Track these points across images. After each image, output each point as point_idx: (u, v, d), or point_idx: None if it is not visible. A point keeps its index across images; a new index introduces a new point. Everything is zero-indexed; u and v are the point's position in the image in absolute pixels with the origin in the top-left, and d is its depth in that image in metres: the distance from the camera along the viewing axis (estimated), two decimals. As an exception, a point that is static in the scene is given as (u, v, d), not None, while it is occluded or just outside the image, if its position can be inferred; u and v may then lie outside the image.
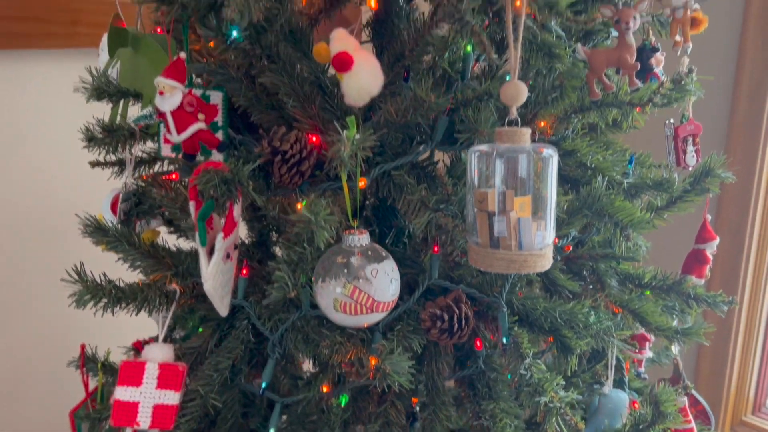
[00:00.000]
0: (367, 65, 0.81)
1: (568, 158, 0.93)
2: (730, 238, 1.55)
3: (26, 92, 1.55)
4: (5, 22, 1.48)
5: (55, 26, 1.56)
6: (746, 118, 1.46)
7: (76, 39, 1.58)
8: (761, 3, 1.40)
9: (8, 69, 1.52)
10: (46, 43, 1.54)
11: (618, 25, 0.79)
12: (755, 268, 1.58)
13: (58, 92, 1.57)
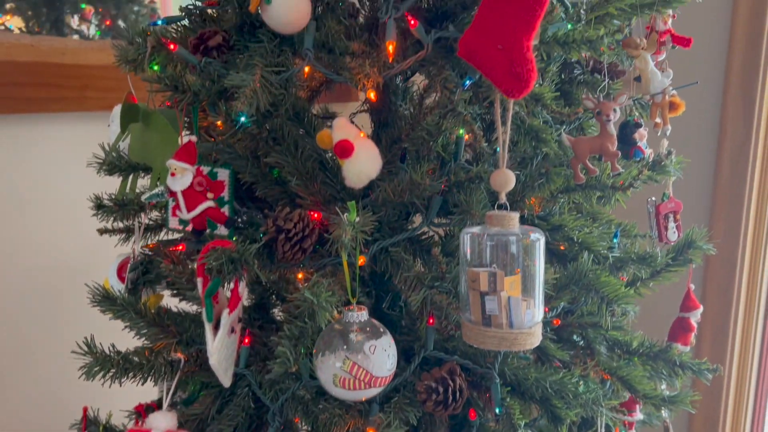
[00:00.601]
0: (367, 152, 0.87)
1: (555, 233, 0.98)
2: (719, 298, 1.60)
3: (38, 155, 1.61)
4: (19, 88, 1.54)
5: (66, 91, 1.62)
6: (729, 187, 1.53)
7: (86, 103, 1.65)
8: (739, 81, 1.48)
9: (21, 132, 1.58)
10: (57, 107, 1.60)
11: (599, 116, 0.85)
12: (743, 329, 1.62)
13: (70, 154, 1.62)
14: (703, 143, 1.58)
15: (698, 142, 1.58)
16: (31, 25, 2.08)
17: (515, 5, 0.73)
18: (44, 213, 1.60)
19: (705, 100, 1.56)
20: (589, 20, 0.96)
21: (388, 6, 0.86)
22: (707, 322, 1.48)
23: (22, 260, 1.57)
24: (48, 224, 1.61)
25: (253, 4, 0.86)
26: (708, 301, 1.55)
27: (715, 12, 1.52)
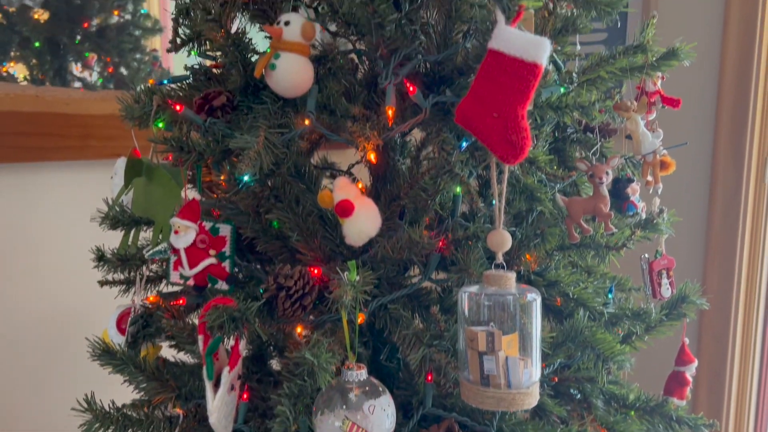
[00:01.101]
0: (367, 211, 0.89)
1: (551, 289, 1.00)
2: (714, 349, 1.61)
3: (41, 203, 1.63)
4: (23, 137, 1.57)
5: (68, 140, 1.65)
6: (721, 238, 1.56)
7: (88, 151, 1.68)
8: (729, 134, 1.52)
9: (24, 181, 1.60)
10: (60, 156, 1.63)
11: (592, 179, 0.88)
12: (739, 381, 1.62)
13: (72, 202, 1.64)
14: (694, 197, 1.62)
15: (690, 196, 1.61)
16: (35, 74, 2.13)
17: (510, 76, 0.77)
18: (46, 261, 1.61)
19: (695, 155, 1.60)
20: (581, 82, 0.99)
21: (388, 72, 0.89)
22: (703, 374, 1.49)
23: (21, 308, 1.57)
24: (49, 272, 1.62)
25: (258, 69, 0.89)
26: (703, 353, 1.56)
27: (704, 69, 1.57)
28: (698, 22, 1.57)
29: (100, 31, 2.23)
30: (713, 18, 1.55)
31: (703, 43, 1.57)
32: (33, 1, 1.97)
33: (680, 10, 1.56)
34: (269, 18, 1.08)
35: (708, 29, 1.56)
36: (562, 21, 0.97)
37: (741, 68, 1.51)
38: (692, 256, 1.61)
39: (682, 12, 1.56)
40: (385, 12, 0.84)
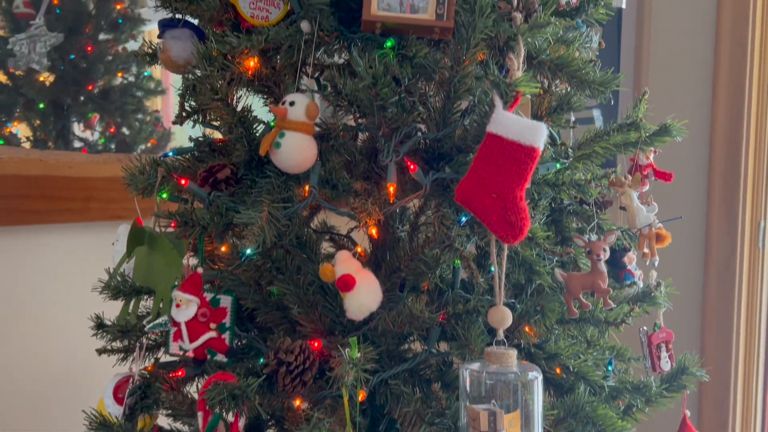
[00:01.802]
0: (368, 285, 0.90)
1: (551, 362, 1.00)
2: (714, 417, 1.59)
3: (42, 265, 1.63)
4: (26, 200, 1.59)
5: (70, 203, 1.67)
6: (717, 304, 1.57)
7: (89, 213, 1.69)
8: (722, 198, 1.55)
9: (26, 243, 1.61)
10: (62, 218, 1.64)
11: (590, 255, 0.90)
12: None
13: (73, 264, 1.65)
14: (689, 265, 1.64)
15: (685, 265, 1.63)
16: (38, 134, 2.16)
17: (508, 158, 0.79)
18: (46, 323, 1.61)
19: (689, 224, 1.62)
20: (577, 157, 1.02)
21: (389, 150, 0.91)
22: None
23: (19, 369, 1.56)
24: (49, 335, 1.61)
25: (263, 147, 0.91)
26: (704, 422, 1.55)
27: (695, 138, 1.61)
28: (688, 95, 1.62)
29: (104, 93, 2.28)
30: (702, 91, 1.60)
31: (693, 114, 1.61)
32: (40, 65, 2.02)
33: (670, 84, 1.61)
34: (274, 93, 1.12)
35: (698, 102, 1.61)
36: (557, 99, 1.00)
37: (731, 138, 1.55)
38: (689, 324, 1.62)
39: (673, 85, 1.61)
40: (387, 95, 0.87)
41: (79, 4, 2.18)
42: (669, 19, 1.65)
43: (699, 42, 1.61)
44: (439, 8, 0.90)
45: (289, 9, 0.98)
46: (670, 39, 1.65)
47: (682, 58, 1.63)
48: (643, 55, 1.64)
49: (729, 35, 1.55)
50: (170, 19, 1.05)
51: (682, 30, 1.64)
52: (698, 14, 1.62)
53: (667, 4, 1.65)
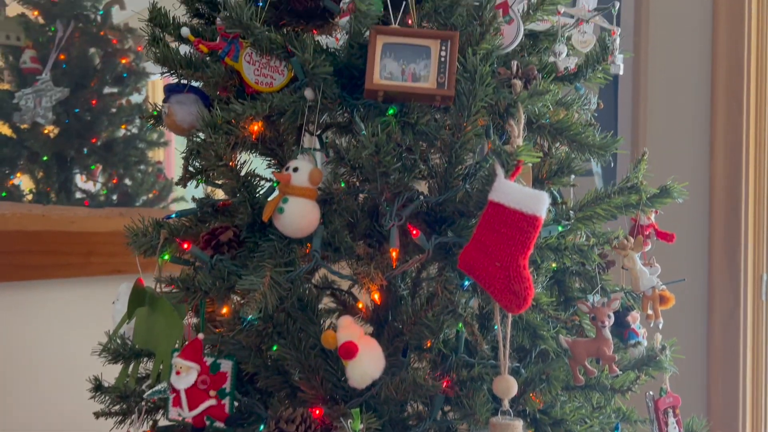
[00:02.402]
0: (370, 353, 0.89)
1: (557, 428, 0.98)
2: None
3: (43, 320, 1.62)
4: (27, 256, 1.59)
5: (71, 257, 1.67)
6: (722, 365, 1.55)
7: (90, 268, 1.69)
8: (723, 259, 1.55)
9: (26, 298, 1.60)
10: (63, 273, 1.64)
11: (594, 321, 0.89)
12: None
13: (73, 319, 1.64)
14: (692, 322, 1.63)
15: (688, 322, 1.62)
16: (40, 186, 2.17)
17: (510, 227, 0.79)
18: (46, 379, 1.58)
19: (691, 285, 1.62)
20: (578, 219, 1.02)
21: (391, 214, 0.92)
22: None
23: (18, 423, 1.53)
24: (48, 390, 1.58)
25: (266, 213, 0.92)
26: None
27: (695, 196, 1.62)
28: (686, 154, 1.64)
29: (107, 145, 2.30)
30: (700, 148, 1.62)
31: (692, 172, 1.63)
32: (45, 119, 2.05)
33: (669, 143, 1.63)
34: (277, 155, 1.13)
35: (696, 159, 1.62)
36: (557, 163, 1.01)
37: (730, 192, 1.56)
38: (695, 382, 1.60)
39: (671, 144, 1.63)
40: (389, 163, 0.88)
41: (85, 60, 2.22)
42: (665, 79, 1.68)
43: (695, 100, 1.63)
44: (440, 77, 0.92)
45: (293, 75, 1.00)
46: (667, 99, 1.67)
47: (679, 116, 1.65)
48: (640, 115, 1.67)
49: (724, 92, 1.57)
50: (176, 84, 1.07)
51: (678, 88, 1.66)
52: (693, 72, 1.65)
53: (662, 65, 1.69)
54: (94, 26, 2.28)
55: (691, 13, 1.67)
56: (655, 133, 1.66)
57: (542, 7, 1.00)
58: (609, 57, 1.00)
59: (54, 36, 2.17)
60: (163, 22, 1.04)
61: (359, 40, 0.93)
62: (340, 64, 0.97)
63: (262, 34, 0.95)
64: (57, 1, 2.22)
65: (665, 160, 1.64)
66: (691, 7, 1.67)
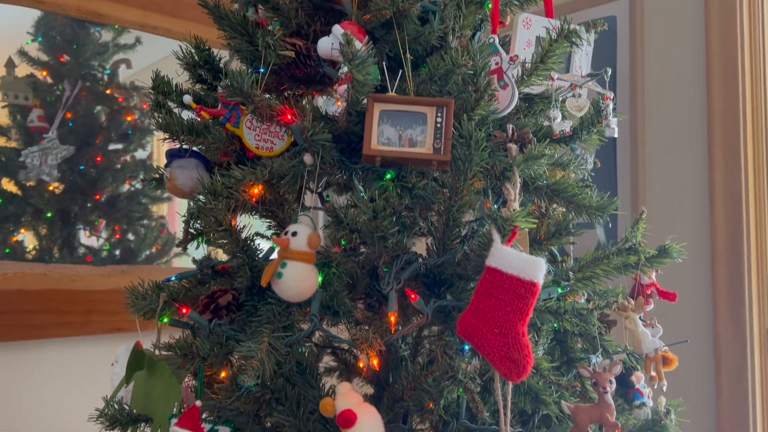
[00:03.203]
0: (369, 421, 0.88)
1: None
2: None
3: (42, 380, 1.61)
4: (28, 315, 1.58)
5: (71, 316, 1.66)
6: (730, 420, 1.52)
7: (90, 327, 1.68)
8: (728, 316, 1.54)
9: (25, 358, 1.59)
10: (63, 333, 1.63)
11: (596, 387, 0.88)
12: None
13: (72, 379, 1.62)
14: (700, 379, 1.60)
15: (696, 381, 1.60)
16: (43, 243, 2.18)
17: (508, 293, 0.79)
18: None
19: (696, 336, 1.61)
20: (578, 279, 1.02)
21: (390, 278, 0.92)
22: None
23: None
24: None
25: (264, 278, 0.92)
26: None
27: (696, 251, 1.62)
28: (685, 211, 1.64)
29: (111, 200, 2.33)
30: (700, 205, 1.62)
31: (692, 229, 1.63)
32: (50, 177, 2.08)
33: (669, 204, 1.64)
34: (277, 217, 1.14)
35: (696, 216, 1.63)
36: (555, 224, 1.02)
37: (732, 249, 1.56)
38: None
39: (670, 202, 1.64)
40: (387, 227, 0.88)
41: (91, 118, 2.27)
42: (663, 138, 1.69)
43: (693, 156, 1.65)
44: (437, 143, 0.93)
45: (293, 140, 1.02)
46: (665, 156, 1.68)
47: (678, 173, 1.66)
48: (639, 173, 1.68)
49: (722, 148, 1.59)
50: (177, 150, 1.09)
51: (676, 146, 1.68)
52: (691, 129, 1.66)
53: (659, 124, 1.71)
54: (101, 85, 2.33)
55: (686, 71, 1.70)
56: (655, 190, 1.67)
57: (536, 72, 1.02)
58: (603, 120, 1.02)
59: (62, 95, 2.22)
60: (166, 90, 1.06)
61: (357, 107, 0.95)
62: (339, 130, 0.98)
63: (262, 102, 0.97)
64: (65, 61, 2.28)
65: (665, 217, 1.65)
66: (687, 66, 1.70)
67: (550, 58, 1.01)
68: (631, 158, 1.69)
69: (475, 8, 1.06)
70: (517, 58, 1.02)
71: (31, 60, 2.23)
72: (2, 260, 1.68)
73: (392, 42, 1.01)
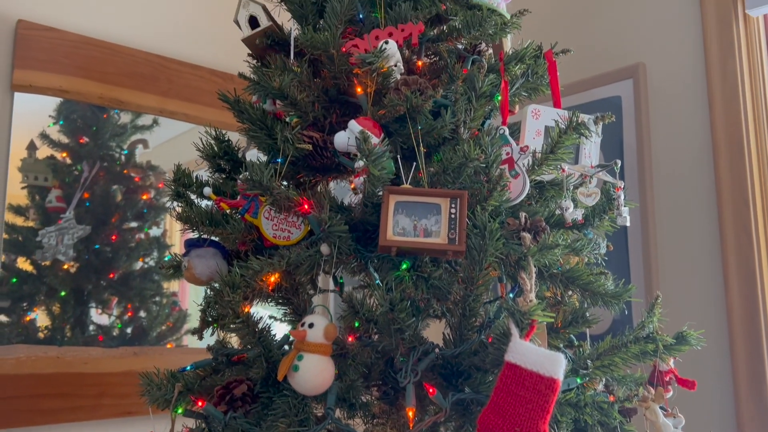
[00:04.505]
0: None
1: None
2: None
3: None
4: (38, 400, 1.57)
5: (83, 399, 1.64)
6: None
7: (101, 410, 1.66)
8: (750, 401, 1.51)
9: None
10: (72, 417, 1.61)
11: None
12: None
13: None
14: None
15: None
16: (56, 323, 2.18)
17: (529, 389, 0.78)
18: None
19: (718, 423, 1.57)
20: (596, 367, 1.01)
21: (407, 370, 0.91)
22: None
23: None
24: None
25: (281, 372, 0.91)
26: None
27: (714, 337, 1.60)
28: (700, 293, 1.63)
29: (124, 278, 2.34)
30: (714, 284, 1.62)
31: (708, 311, 1.62)
32: (66, 257, 2.10)
33: (682, 287, 1.63)
34: (292, 303, 1.14)
35: (711, 297, 1.62)
36: (572, 313, 1.02)
37: (750, 329, 1.54)
38: None
39: (685, 287, 1.63)
40: (404, 319, 0.88)
41: (108, 197, 2.31)
42: (673, 224, 1.70)
43: (705, 235, 1.65)
44: (451, 233, 0.95)
45: (309, 228, 1.04)
46: (676, 237, 1.69)
47: (691, 252, 1.66)
48: (651, 254, 1.68)
49: (732, 223, 1.60)
50: (196, 239, 1.11)
51: (687, 224, 1.69)
52: (700, 208, 1.67)
53: (669, 211, 1.72)
54: (118, 165, 2.39)
55: (693, 149, 1.73)
56: (668, 271, 1.67)
57: (547, 162, 1.04)
58: (615, 210, 1.04)
59: (80, 175, 2.27)
60: (186, 182, 1.09)
61: (373, 199, 0.97)
62: (355, 220, 1.00)
63: (281, 194, 0.99)
64: (85, 143, 2.35)
65: (680, 297, 1.64)
66: (693, 144, 1.73)
67: (559, 148, 1.04)
68: (642, 239, 1.70)
69: (486, 101, 1.10)
70: (527, 149, 1.05)
71: (52, 142, 2.30)
72: (15, 344, 1.68)
73: (406, 135, 1.04)
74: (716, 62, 1.73)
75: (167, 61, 2.08)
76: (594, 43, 1.98)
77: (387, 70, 1.04)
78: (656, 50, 1.84)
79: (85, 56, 1.93)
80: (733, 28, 1.72)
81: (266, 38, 1.20)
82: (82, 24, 1.93)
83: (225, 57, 2.16)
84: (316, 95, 1.14)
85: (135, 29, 2.04)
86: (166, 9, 2.11)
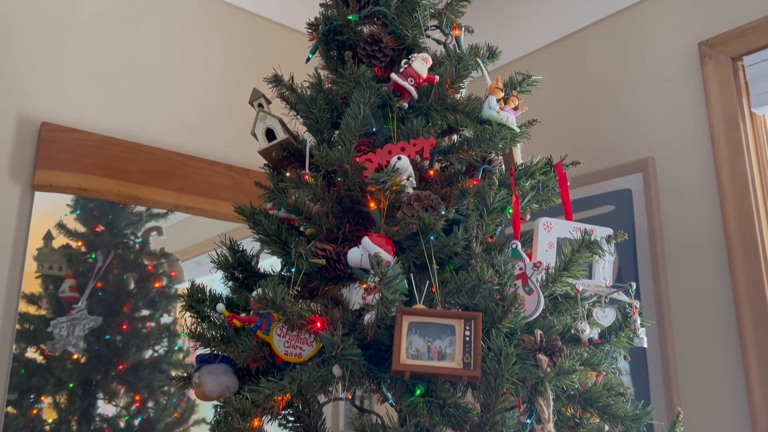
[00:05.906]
0: None
1: None
2: None
3: None
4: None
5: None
6: None
7: None
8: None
9: None
10: None
11: None
12: None
13: None
14: None
15: None
16: (63, 415, 2.15)
17: None
18: None
19: None
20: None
21: (422, 504, 0.88)
22: None
23: None
24: None
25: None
26: None
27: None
28: (723, 404, 1.59)
29: (133, 368, 2.32)
30: (738, 397, 1.57)
31: (732, 416, 1.57)
32: (76, 348, 2.09)
33: (703, 396, 1.59)
34: (303, 421, 1.12)
35: (736, 415, 1.58)
36: None
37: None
38: None
39: (706, 396, 1.59)
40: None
41: (120, 286, 2.32)
42: (689, 323, 1.67)
43: (724, 339, 1.61)
44: (466, 357, 0.93)
45: (321, 345, 1.03)
46: (694, 344, 1.65)
47: (710, 358, 1.63)
48: (670, 365, 1.65)
49: (752, 327, 1.57)
50: (207, 355, 1.10)
51: (705, 329, 1.65)
52: (717, 308, 1.65)
53: (684, 310, 1.70)
54: (132, 253, 2.41)
55: (705, 244, 1.72)
56: (688, 381, 1.62)
57: (560, 279, 1.04)
58: (632, 330, 1.02)
59: (94, 264, 2.29)
60: (200, 298, 1.09)
61: (386, 321, 0.96)
62: (368, 340, 0.99)
63: (294, 313, 0.99)
64: (100, 231, 2.37)
65: (701, 407, 1.59)
66: (705, 238, 1.72)
67: (572, 266, 1.03)
68: (660, 350, 1.67)
69: (497, 215, 1.11)
70: (540, 265, 1.05)
71: (68, 231, 2.33)
72: (21, 445, 1.64)
73: (418, 251, 1.05)
74: (725, 159, 1.75)
75: (185, 158, 2.13)
76: (604, 137, 2.01)
77: (400, 186, 1.05)
78: (665, 145, 1.87)
79: (106, 155, 1.98)
80: (740, 126, 1.74)
81: (282, 150, 1.23)
82: (103, 124, 1.99)
83: (241, 152, 2.21)
84: (330, 206, 1.16)
85: (155, 127, 2.10)
86: (186, 107, 2.18)
